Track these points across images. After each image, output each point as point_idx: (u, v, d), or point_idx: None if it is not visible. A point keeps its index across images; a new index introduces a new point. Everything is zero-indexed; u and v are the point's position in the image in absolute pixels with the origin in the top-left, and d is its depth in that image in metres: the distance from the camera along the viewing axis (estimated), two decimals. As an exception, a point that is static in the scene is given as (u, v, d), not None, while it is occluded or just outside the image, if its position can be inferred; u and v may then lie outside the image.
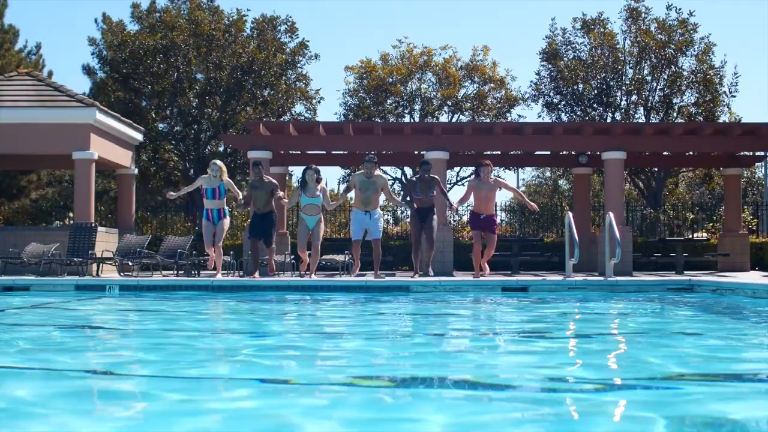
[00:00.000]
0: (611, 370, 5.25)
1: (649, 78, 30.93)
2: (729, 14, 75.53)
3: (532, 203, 15.92)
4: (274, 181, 15.64)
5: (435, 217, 15.45)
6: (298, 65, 32.01)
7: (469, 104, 33.69)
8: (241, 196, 15.56)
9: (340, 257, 18.35)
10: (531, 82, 32.30)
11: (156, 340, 6.99)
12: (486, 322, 8.92)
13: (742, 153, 23.12)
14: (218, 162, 15.49)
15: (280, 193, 15.60)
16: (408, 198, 15.76)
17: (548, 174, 48.11)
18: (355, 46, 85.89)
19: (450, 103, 33.55)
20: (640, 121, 30.52)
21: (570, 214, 15.33)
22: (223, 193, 15.22)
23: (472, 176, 15.69)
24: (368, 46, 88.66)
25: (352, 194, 15.52)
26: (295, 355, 5.90)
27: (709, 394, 4.36)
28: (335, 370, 5.21)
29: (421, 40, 69.55)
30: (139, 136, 23.24)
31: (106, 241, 19.73)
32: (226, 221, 15.35)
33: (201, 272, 18.54)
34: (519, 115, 33.93)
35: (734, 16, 76.89)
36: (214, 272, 15.52)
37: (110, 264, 18.78)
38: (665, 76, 30.67)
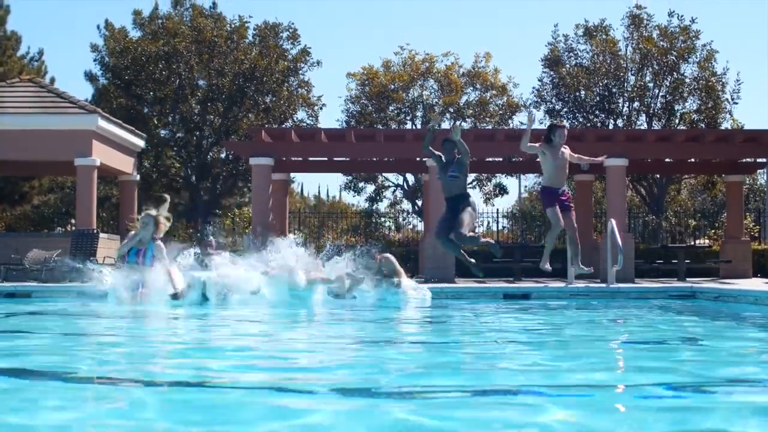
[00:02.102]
0: (611, 377, 5.24)
1: (651, 85, 30.91)
2: (731, 21, 75.61)
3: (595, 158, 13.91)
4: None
5: (471, 206, 11.65)
6: (300, 72, 32.02)
7: (471, 111, 33.65)
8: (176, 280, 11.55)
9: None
10: (533, 88, 32.29)
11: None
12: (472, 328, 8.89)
13: (744, 160, 23.10)
14: (153, 212, 11.92)
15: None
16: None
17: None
18: (357, 52, 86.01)
19: (452, 110, 33.52)
20: (642, 127, 30.49)
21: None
22: (150, 257, 11.62)
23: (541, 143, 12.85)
24: (370, 52, 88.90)
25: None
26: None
27: (709, 401, 4.34)
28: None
29: (423, 47, 69.52)
30: (141, 143, 23.27)
31: (107, 248, 19.73)
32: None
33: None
34: (521, 122, 33.88)
35: (736, 23, 76.97)
36: None
37: (112, 270, 18.75)
38: (667, 83, 30.65)
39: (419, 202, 32.68)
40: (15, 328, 8.78)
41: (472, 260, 11.90)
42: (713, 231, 29.85)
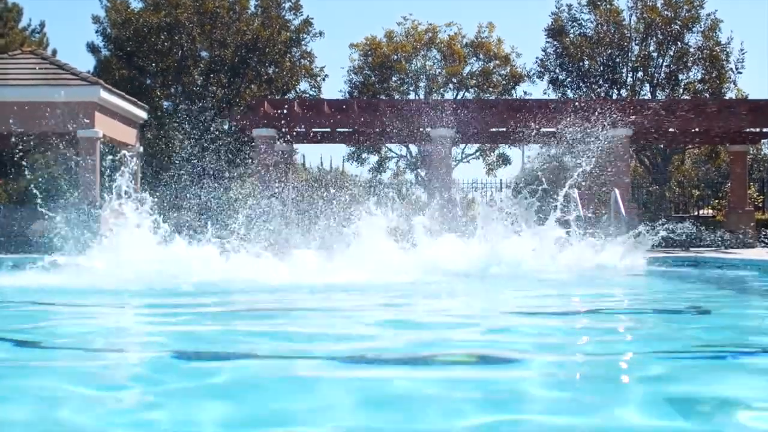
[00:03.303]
0: (616, 344, 5.25)
1: (655, 54, 30.77)
2: (736, -10, 74.99)
3: None
4: None
5: None
6: (303, 43, 31.90)
7: (474, 81, 33.56)
8: None
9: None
10: (536, 58, 32.15)
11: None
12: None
13: (748, 130, 23.04)
14: None
15: None
16: None
17: (554, 151, 47.98)
18: (359, 23, 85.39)
19: (455, 80, 33.43)
20: (646, 97, 30.39)
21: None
22: None
23: None
24: (373, 23, 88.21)
25: None
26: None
27: (712, 367, 4.35)
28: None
29: (425, 17, 69.13)
30: (144, 114, 23.23)
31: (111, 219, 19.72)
32: None
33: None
34: (524, 92, 33.82)
35: (741, -8, 76.30)
36: None
37: (116, 242, 18.77)
38: (671, 53, 30.52)
39: (422, 173, 32.66)
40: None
41: None
42: (717, 201, 29.83)
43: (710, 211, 28.50)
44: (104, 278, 9.31)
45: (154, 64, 30.62)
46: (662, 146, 30.14)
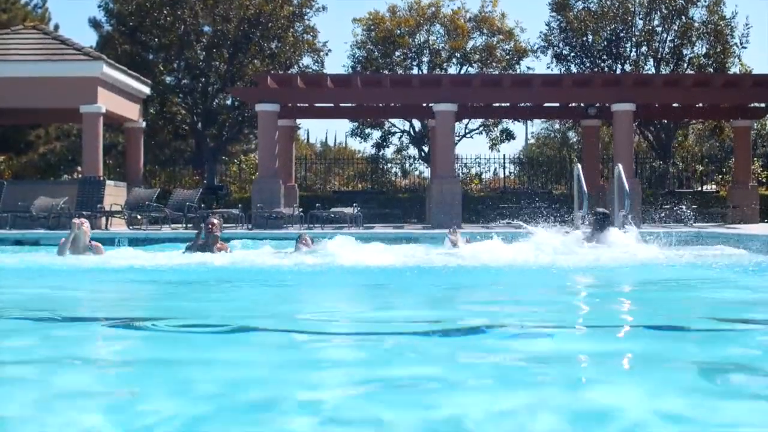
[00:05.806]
0: (622, 317, 5.27)
1: (659, 29, 30.62)
2: (741, -36, 74.52)
3: None
4: None
5: None
6: (306, 17, 31.75)
7: (477, 56, 33.40)
8: None
9: (348, 210, 18.39)
10: (540, 32, 31.99)
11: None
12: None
13: (752, 104, 23.00)
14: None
15: None
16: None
17: (557, 126, 47.90)
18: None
19: (458, 55, 33.28)
20: (650, 72, 30.27)
21: (578, 166, 15.32)
22: None
23: None
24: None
25: None
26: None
27: (710, 338, 4.37)
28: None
29: (429, -8, 68.74)
30: (147, 90, 23.21)
31: (114, 195, 19.77)
32: None
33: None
34: (528, 67, 33.63)
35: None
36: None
37: (119, 217, 18.83)
38: (676, 27, 30.36)
39: (426, 148, 32.62)
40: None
41: None
42: (721, 176, 29.79)
43: (714, 186, 28.46)
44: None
45: (156, 39, 30.50)
46: (666, 121, 30.06)
